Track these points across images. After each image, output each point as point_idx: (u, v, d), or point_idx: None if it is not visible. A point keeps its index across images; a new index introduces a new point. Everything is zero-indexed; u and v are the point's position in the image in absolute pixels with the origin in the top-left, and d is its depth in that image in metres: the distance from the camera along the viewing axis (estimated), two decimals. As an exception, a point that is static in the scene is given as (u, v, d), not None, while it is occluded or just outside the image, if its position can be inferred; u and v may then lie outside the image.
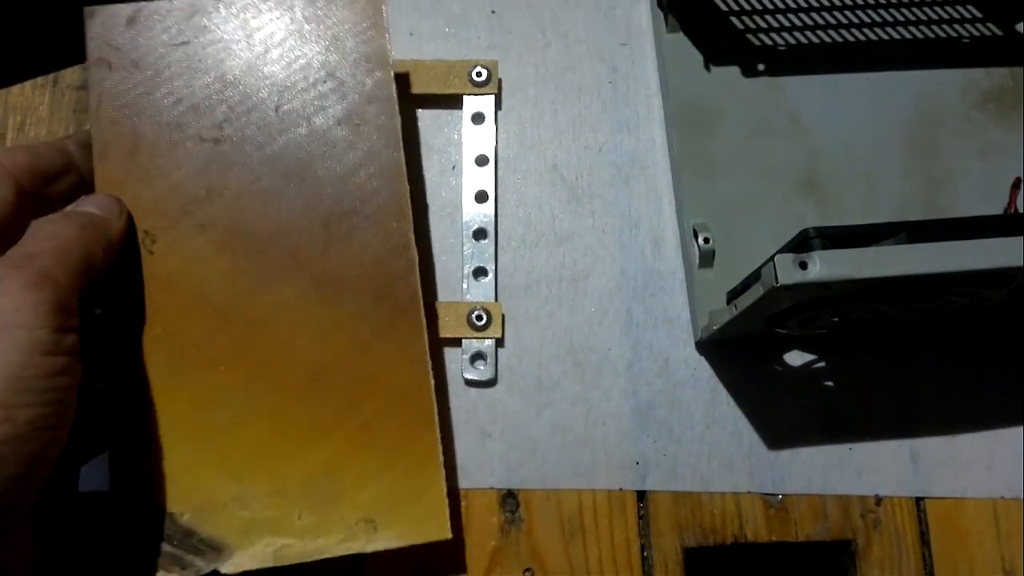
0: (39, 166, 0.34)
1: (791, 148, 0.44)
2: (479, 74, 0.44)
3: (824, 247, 0.31)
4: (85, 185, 0.36)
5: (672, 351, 0.41)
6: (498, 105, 0.44)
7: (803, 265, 0.30)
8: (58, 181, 0.35)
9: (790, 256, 0.30)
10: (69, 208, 0.34)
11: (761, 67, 0.45)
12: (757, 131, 0.44)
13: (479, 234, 0.42)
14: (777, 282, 0.30)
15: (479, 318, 0.41)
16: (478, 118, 0.44)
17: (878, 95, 0.45)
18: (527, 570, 0.38)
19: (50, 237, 0.31)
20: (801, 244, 0.32)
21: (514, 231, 0.43)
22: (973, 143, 0.45)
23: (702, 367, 0.41)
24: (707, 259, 0.41)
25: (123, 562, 0.34)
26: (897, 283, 0.31)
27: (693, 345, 0.41)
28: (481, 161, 0.43)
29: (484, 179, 0.43)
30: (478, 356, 0.40)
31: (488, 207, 0.43)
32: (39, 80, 0.43)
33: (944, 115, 0.45)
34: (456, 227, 0.43)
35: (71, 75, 0.43)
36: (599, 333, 0.41)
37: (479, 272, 0.42)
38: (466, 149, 0.43)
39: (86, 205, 0.35)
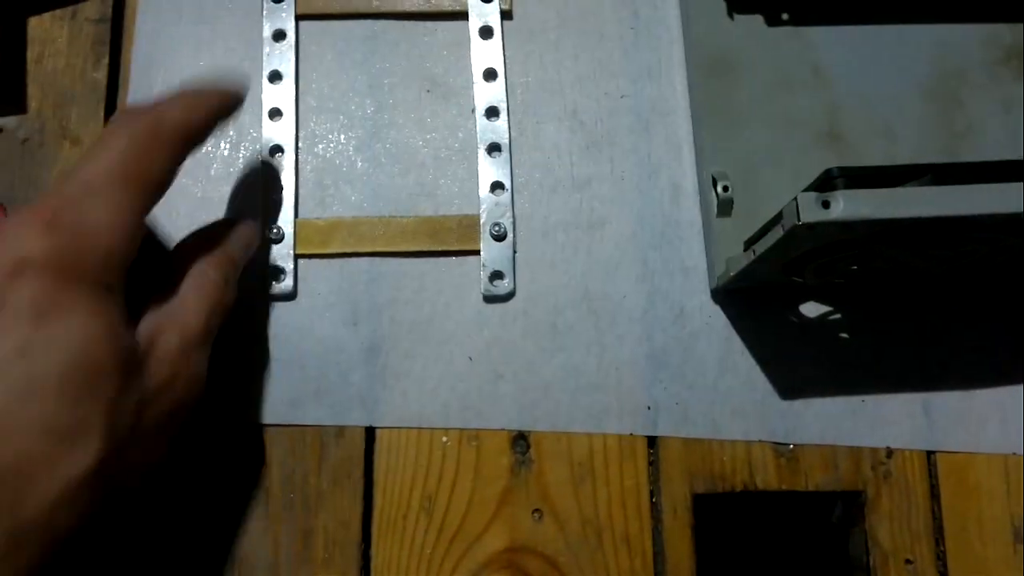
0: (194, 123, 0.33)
1: (813, 99, 0.43)
2: None
3: (848, 187, 0.31)
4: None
5: (688, 299, 0.41)
6: (507, 18, 0.44)
7: (826, 204, 0.30)
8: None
9: (813, 195, 0.30)
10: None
11: (785, 16, 0.45)
12: (779, 81, 0.44)
13: (493, 148, 0.42)
14: (799, 220, 0.30)
15: (496, 227, 0.41)
16: (486, 32, 0.43)
17: (901, 48, 0.45)
18: (536, 511, 0.38)
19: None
20: (824, 183, 0.31)
21: (531, 176, 0.42)
22: (995, 97, 0.44)
23: (717, 316, 0.41)
24: (726, 208, 0.40)
25: None
26: (920, 226, 0.31)
27: (709, 294, 0.41)
28: (489, 75, 0.43)
29: (496, 95, 0.43)
30: (497, 275, 0.40)
31: (502, 123, 0.42)
32: (58, 12, 0.42)
33: (966, 69, 0.45)
34: (472, 142, 0.42)
35: (90, 8, 0.43)
36: (615, 280, 0.41)
37: (496, 186, 0.41)
38: (475, 64, 0.43)
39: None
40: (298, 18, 0.43)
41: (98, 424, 0.27)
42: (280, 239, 0.40)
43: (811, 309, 0.41)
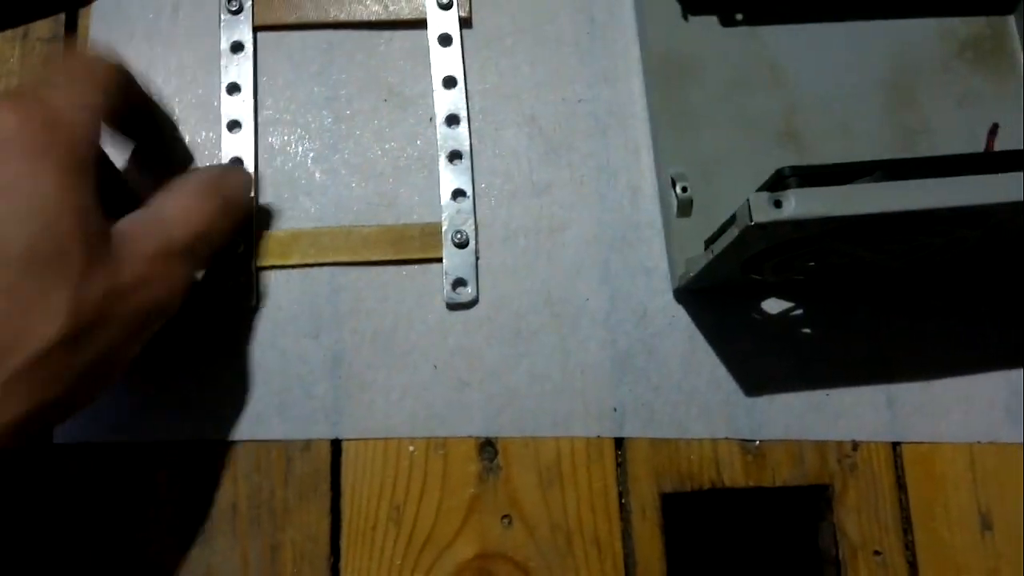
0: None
1: (769, 98, 0.44)
2: None
3: (800, 186, 0.31)
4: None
5: (650, 300, 0.41)
6: (466, 25, 0.44)
7: (778, 203, 0.30)
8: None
9: (765, 195, 0.30)
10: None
11: (739, 17, 0.45)
12: (735, 81, 0.44)
13: (454, 156, 0.42)
14: (751, 220, 0.30)
15: (459, 234, 0.41)
16: (445, 40, 0.44)
17: (856, 45, 0.45)
18: (505, 517, 0.38)
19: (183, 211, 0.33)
20: (777, 183, 0.32)
21: (492, 183, 0.42)
22: (951, 92, 0.45)
23: (680, 315, 0.41)
24: (685, 208, 0.41)
25: None
26: (873, 222, 0.31)
27: (671, 294, 0.41)
28: (449, 83, 0.43)
29: (455, 102, 0.43)
30: (460, 283, 0.41)
31: (462, 130, 0.42)
32: (8, 33, 0.42)
33: (922, 65, 0.45)
34: (431, 150, 0.42)
35: (41, 27, 0.42)
36: (577, 284, 0.41)
37: (457, 194, 0.42)
38: (434, 72, 0.43)
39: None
40: (255, 29, 0.43)
41: (64, 298, 0.27)
42: (240, 251, 0.40)
43: (773, 305, 0.42)
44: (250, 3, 0.43)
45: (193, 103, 0.42)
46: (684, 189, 0.40)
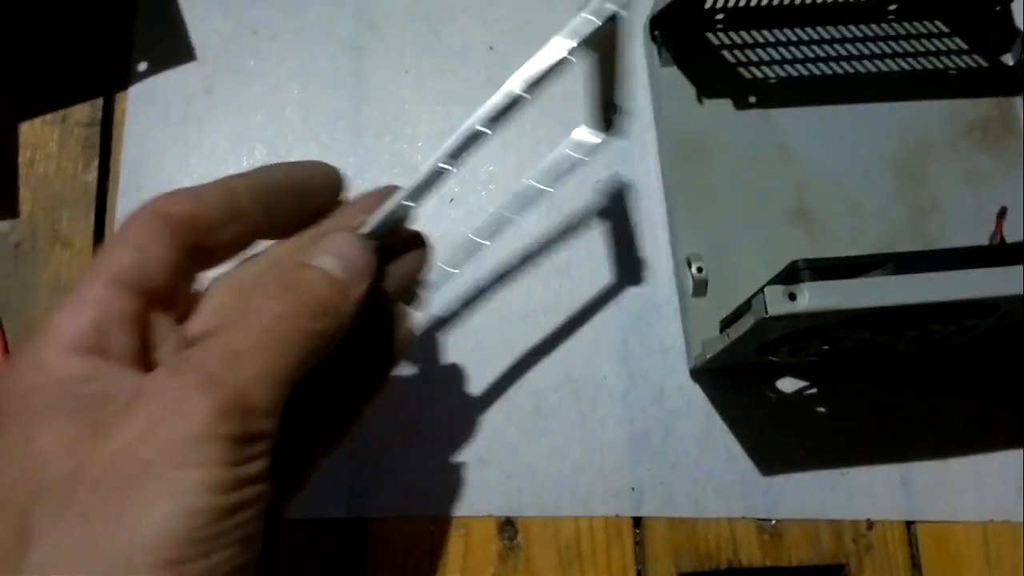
0: (202, 215, 0.27)
1: (781, 178, 0.45)
2: None
3: (813, 278, 0.32)
4: (255, 233, 0.29)
5: (667, 379, 0.42)
6: None
7: (792, 296, 0.31)
8: (223, 230, 0.28)
9: (779, 288, 0.31)
10: (292, 261, 0.28)
11: (752, 99, 0.46)
12: (749, 162, 0.45)
13: None
14: (767, 313, 0.31)
15: None
16: None
17: (866, 126, 0.46)
18: (526, 596, 0.39)
19: (255, 325, 0.25)
20: (790, 276, 0.33)
21: (512, 261, 0.44)
22: (959, 172, 0.46)
23: (696, 394, 0.42)
24: (700, 288, 0.42)
25: None
26: (884, 313, 0.32)
27: (687, 373, 0.42)
28: None
29: None
30: None
31: None
32: (48, 116, 0.44)
33: (931, 145, 0.46)
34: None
35: (80, 112, 0.44)
36: (595, 362, 0.42)
37: None
38: None
39: (320, 258, 0.27)
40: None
41: None
42: None
43: (788, 384, 0.42)
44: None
45: (224, 185, 0.44)
46: (700, 269, 0.41)
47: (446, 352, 0.42)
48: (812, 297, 0.31)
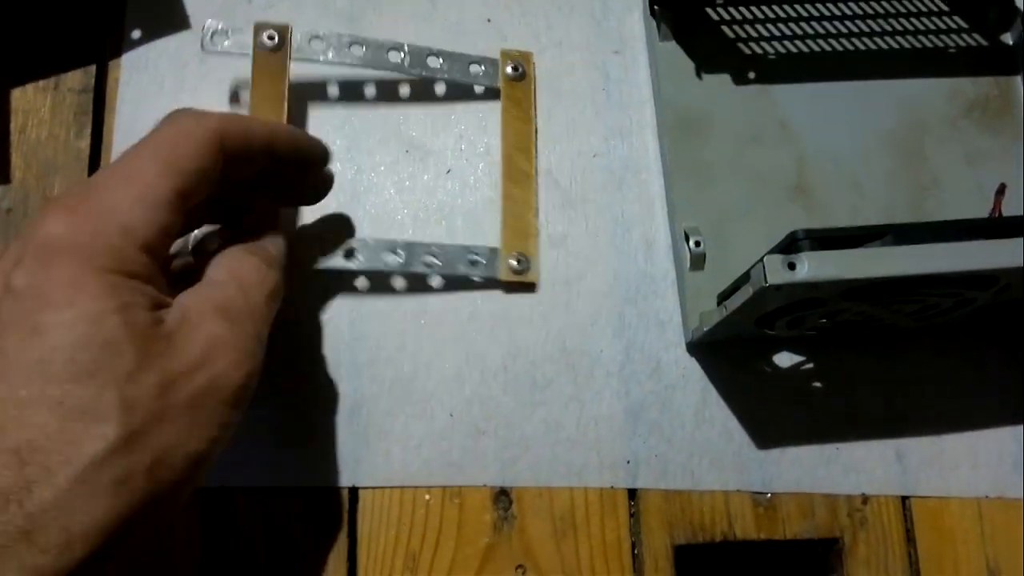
0: (242, 152, 0.32)
1: (781, 154, 0.45)
2: (515, 68, 0.45)
3: (812, 248, 0.32)
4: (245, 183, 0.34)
5: (663, 353, 0.42)
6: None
7: (791, 266, 0.31)
8: (241, 167, 0.33)
9: (779, 257, 0.31)
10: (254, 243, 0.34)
11: (752, 75, 0.46)
12: (747, 138, 0.45)
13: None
14: (766, 282, 0.31)
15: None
16: None
17: (866, 103, 0.46)
18: (519, 567, 0.39)
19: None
20: (790, 246, 0.33)
21: (509, 234, 0.43)
22: (959, 150, 0.46)
23: (693, 368, 0.42)
24: (698, 262, 0.42)
25: None
26: (883, 284, 0.32)
27: (684, 347, 0.42)
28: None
29: None
30: None
31: None
32: (40, 83, 0.43)
33: (930, 123, 0.46)
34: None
35: (72, 78, 0.43)
36: (592, 335, 0.42)
37: None
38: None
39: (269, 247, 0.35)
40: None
41: (113, 401, 0.26)
42: None
43: (784, 359, 0.42)
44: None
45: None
46: (697, 244, 0.41)
47: (442, 322, 0.42)
48: (811, 267, 0.31)
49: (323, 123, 0.44)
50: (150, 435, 0.27)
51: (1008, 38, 0.48)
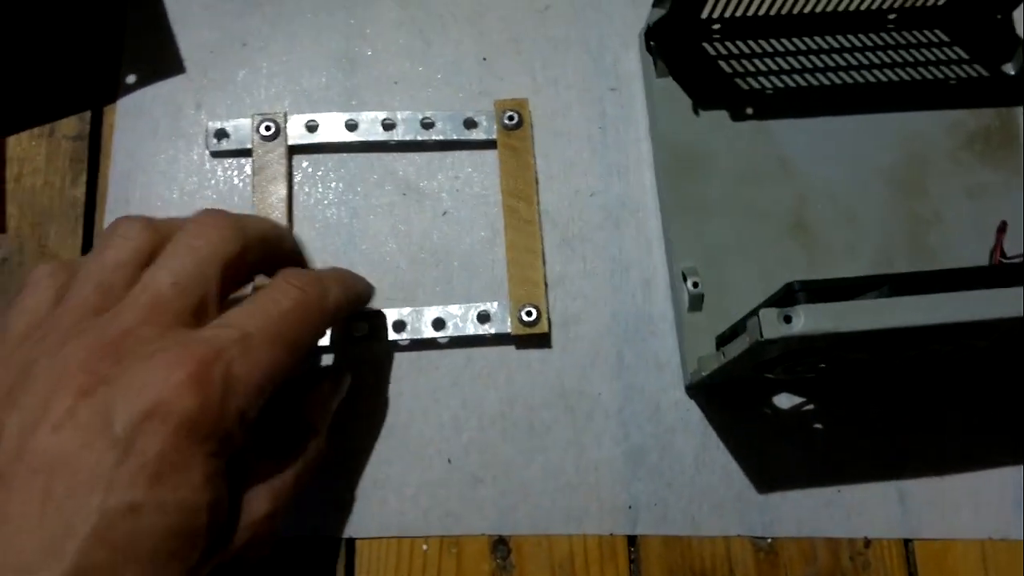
0: (251, 245, 0.33)
1: (779, 191, 0.44)
2: (511, 117, 0.44)
3: (809, 300, 0.31)
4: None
5: (663, 395, 0.42)
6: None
7: (787, 319, 0.30)
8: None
9: (775, 311, 0.30)
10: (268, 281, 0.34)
11: (749, 111, 0.46)
12: (745, 174, 0.45)
13: None
14: (762, 336, 0.30)
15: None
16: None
17: (865, 137, 0.46)
18: (519, 616, 0.39)
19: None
20: (786, 297, 0.32)
21: (504, 275, 0.43)
22: (960, 184, 0.45)
23: (692, 411, 0.42)
24: (696, 303, 0.41)
25: None
26: (881, 335, 0.32)
27: (683, 389, 0.42)
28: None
29: None
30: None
31: None
32: (35, 130, 0.43)
33: (930, 156, 0.46)
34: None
35: (67, 125, 0.43)
36: (590, 377, 0.42)
37: None
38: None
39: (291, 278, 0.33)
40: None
41: None
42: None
43: (784, 400, 0.42)
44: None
45: (215, 198, 0.43)
46: (695, 284, 0.41)
47: (438, 368, 0.41)
48: (807, 320, 0.30)
49: (319, 165, 0.44)
50: None
51: (1009, 68, 0.47)
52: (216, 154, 0.44)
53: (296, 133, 0.43)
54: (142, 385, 0.27)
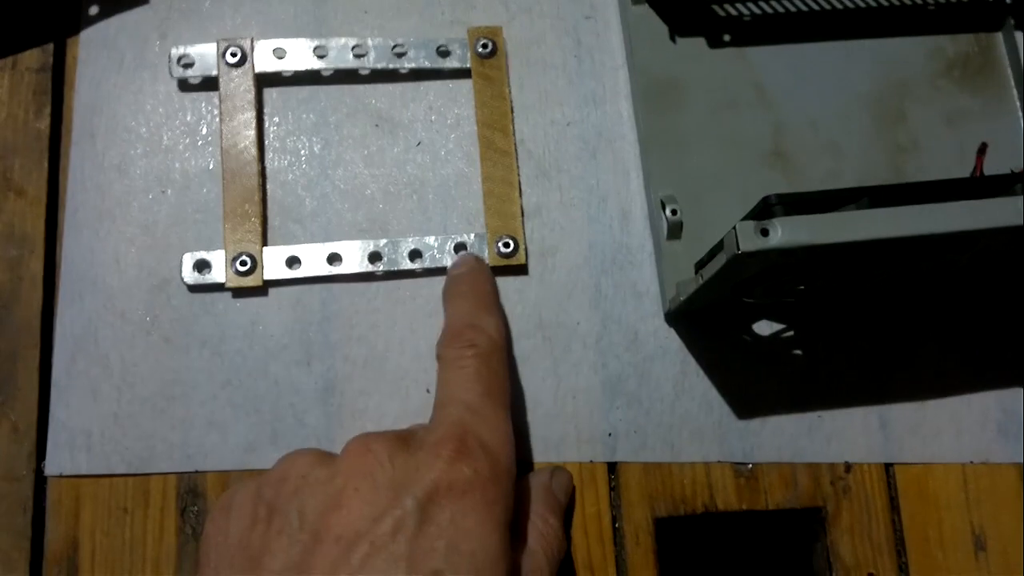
0: None
1: (757, 119, 0.44)
2: (485, 45, 0.43)
3: (786, 213, 0.31)
4: None
5: (641, 324, 0.41)
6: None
7: (764, 232, 0.30)
8: None
9: (752, 223, 0.30)
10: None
11: (727, 38, 0.45)
12: (723, 103, 0.44)
13: None
14: (739, 249, 0.30)
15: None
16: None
17: (843, 64, 0.45)
18: (499, 544, 0.38)
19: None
20: (763, 211, 0.32)
21: (480, 206, 0.42)
22: (939, 110, 0.45)
23: (671, 339, 0.41)
24: (675, 231, 0.41)
25: None
26: (859, 248, 0.31)
27: (662, 318, 0.41)
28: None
29: None
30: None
31: None
32: (-3, 63, 0.42)
33: (909, 83, 0.45)
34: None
35: (30, 57, 0.42)
36: (568, 307, 0.41)
37: None
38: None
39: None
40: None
41: None
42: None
43: (764, 327, 0.42)
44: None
45: (182, 130, 0.42)
46: (674, 212, 0.40)
47: (415, 298, 0.41)
48: (785, 232, 0.30)
49: (289, 97, 0.43)
50: None
51: (988, -7, 0.47)
52: (184, 86, 0.42)
53: (264, 60, 0.42)
54: (418, 476, 0.30)
